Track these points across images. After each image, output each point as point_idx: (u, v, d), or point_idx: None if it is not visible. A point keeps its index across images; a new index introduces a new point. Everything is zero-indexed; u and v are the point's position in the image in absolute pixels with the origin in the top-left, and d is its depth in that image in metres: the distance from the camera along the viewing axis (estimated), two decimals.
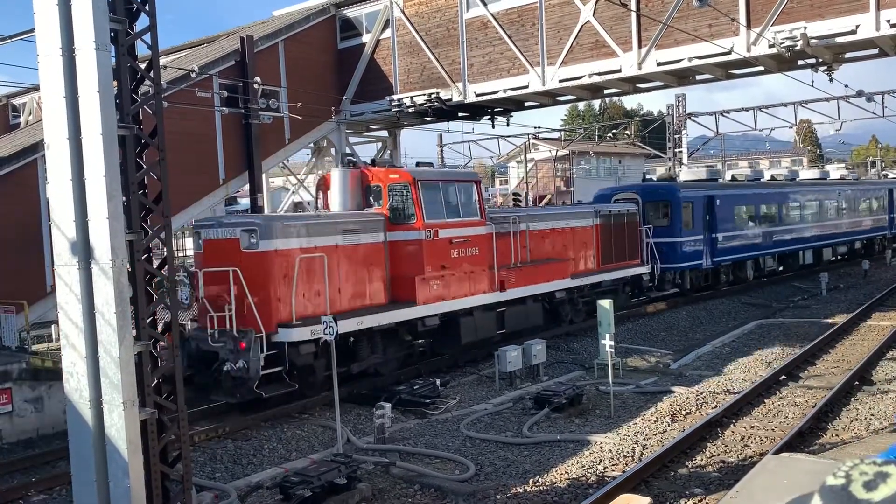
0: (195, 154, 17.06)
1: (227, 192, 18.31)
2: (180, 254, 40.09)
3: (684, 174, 30.13)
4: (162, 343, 7.50)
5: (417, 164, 16.08)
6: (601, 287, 19.87)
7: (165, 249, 7.39)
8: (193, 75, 15.84)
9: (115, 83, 6.70)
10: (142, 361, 6.91)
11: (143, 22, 7.14)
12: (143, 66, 7.34)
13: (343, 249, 13.60)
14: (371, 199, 14.98)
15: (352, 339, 13.76)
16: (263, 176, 19.69)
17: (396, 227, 14.57)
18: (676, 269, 23.89)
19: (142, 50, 7.49)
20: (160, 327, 7.49)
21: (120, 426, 6.46)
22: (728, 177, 30.81)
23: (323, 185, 15.80)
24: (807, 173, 38.86)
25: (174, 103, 15.76)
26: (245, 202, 30.07)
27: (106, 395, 6.52)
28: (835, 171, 43.63)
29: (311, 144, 21.92)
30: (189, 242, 42.08)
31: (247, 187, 18.99)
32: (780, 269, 29.67)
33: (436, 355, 16.01)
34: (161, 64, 17.66)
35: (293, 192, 23.40)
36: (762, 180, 31.30)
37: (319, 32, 20.60)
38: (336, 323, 10.49)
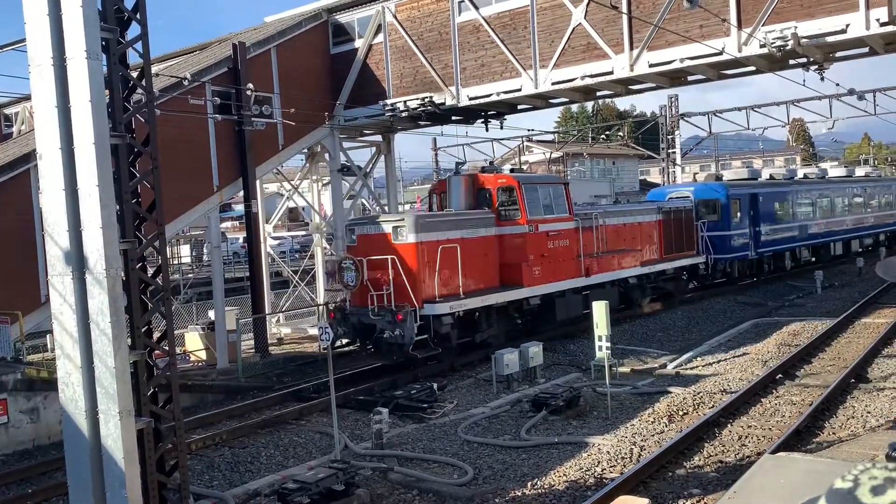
0: (188, 161, 17.02)
1: (222, 198, 18.26)
2: (174, 262, 40.07)
3: (728, 174, 33.35)
4: (158, 352, 7.49)
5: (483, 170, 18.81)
6: (665, 274, 22.80)
7: (160, 258, 7.38)
8: (186, 83, 15.81)
9: (106, 92, 6.70)
10: (137, 371, 6.89)
11: (134, 30, 7.15)
12: (135, 74, 7.34)
13: (467, 241, 16.41)
14: (481, 200, 17.78)
15: (476, 314, 16.52)
16: (258, 182, 19.66)
17: (504, 223, 17.49)
18: (727, 260, 26.57)
19: (134, 58, 7.49)
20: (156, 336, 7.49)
21: (116, 436, 6.43)
22: (766, 175, 32.88)
23: (437, 188, 19.02)
24: (835, 171, 42.29)
25: (167, 111, 15.74)
26: (240, 208, 30.03)
27: (102, 404, 6.50)
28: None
29: (305, 150, 21.91)
30: (184, 250, 42.08)
31: (241, 193, 18.97)
32: (813, 259, 32.28)
33: (523, 333, 17.87)
34: (153, 72, 17.59)
35: (287, 197, 23.37)
36: (797, 178, 33.70)
37: (312, 38, 20.60)
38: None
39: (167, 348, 7.36)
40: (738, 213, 27.02)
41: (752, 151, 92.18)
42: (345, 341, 16.65)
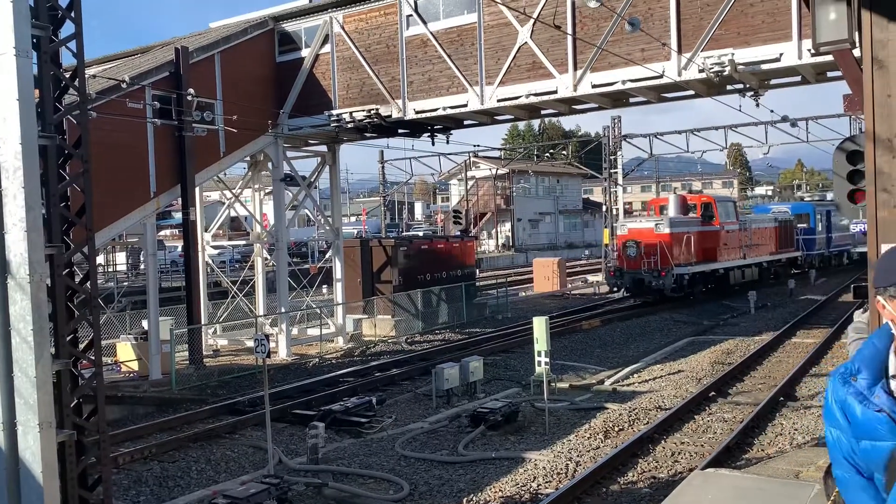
0: (125, 166, 16.57)
1: (159, 205, 17.81)
2: (109, 269, 38.85)
3: (806, 196, 48.03)
4: (84, 361, 7.22)
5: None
6: (779, 262, 35.24)
7: (89, 264, 7.13)
8: (124, 86, 15.42)
9: (36, 91, 6.46)
10: (60, 381, 6.62)
11: (68, 29, 6.93)
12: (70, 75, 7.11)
13: (690, 233, 27.85)
14: (687, 210, 29.48)
15: (687, 277, 27.05)
16: (197, 189, 19.26)
17: (704, 224, 29.08)
18: (813, 255, 39.75)
19: (69, 59, 7.26)
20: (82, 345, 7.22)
21: (35, 449, 6.15)
22: (830, 197, 43.56)
23: (657, 202, 31.57)
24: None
25: (104, 114, 15.32)
26: (180, 216, 29.36)
27: (21, 416, 6.21)
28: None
29: (248, 158, 21.58)
30: (121, 257, 40.83)
31: (180, 201, 18.55)
32: (857, 258, 42.72)
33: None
34: (91, 73, 17.09)
35: (228, 206, 22.96)
36: None
37: (257, 45, 20.35)
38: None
39: (93, 358, 7.10)
40: (820, 224, 40.42)
41: (692, 174, 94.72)
42: (623, 290, 28.30)
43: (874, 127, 3.14)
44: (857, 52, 4.21)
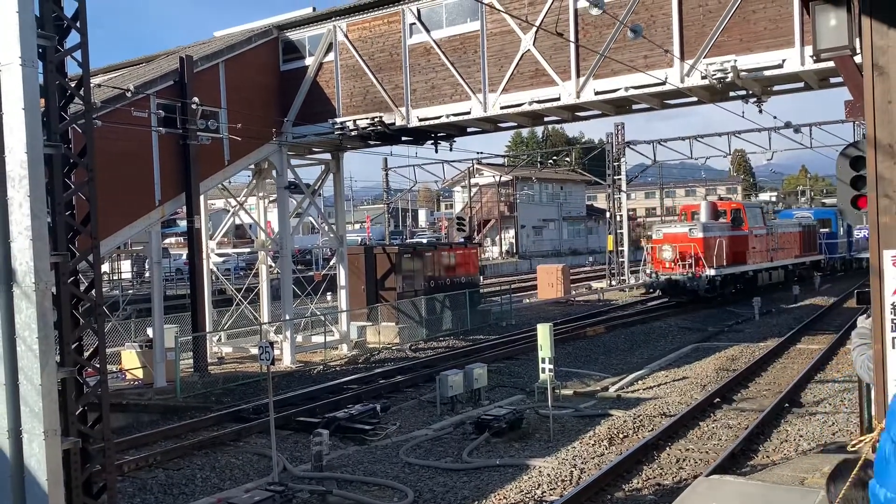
0: (130, 175, 16.63)
1: (164, 213, 17.87)
2: (115, 277, 38.94)
3: (827, 201, 49.99)
4: (89, 369, 7.24)
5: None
6: (804, 265, 36.83)
7: (94, 272, 7.16)
8: (129, 94, 15.50)
9: (42, 101, 6.50)
10: (66, 389, 6.64)
11: (74, 39, 6.98)
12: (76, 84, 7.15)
13: (719, 238, 29.35)
14: (717, 216, 31.29)
15: (719, 279, 29.05)
16: (202, 197, 19.32)
17: (733, 229, 30.90)
18: (835, 258, 42.11)
19: (74, 69, 7.30)
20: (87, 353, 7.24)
21: (40, 457, 6.17)
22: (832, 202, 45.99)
23: (689, 208, 33.97)
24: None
25: (109, 123, 15.39)
26: (185, 224, 29.45)
27: (26, 424, 6.23)
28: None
29: (252, 166, 21.65)
30: (126, 265, 40.94)
31: (185, 209, 18.60)
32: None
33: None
34: (96, 83, 17.20)
35: (232, 213, 23.01)
36: None
37: (261, 54, 20.44)
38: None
39: (98, 366, 7.12)
40: (842, 228, 42.04)
41: (696, 180, 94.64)
42: (658, 292, 30.30)
43: (875, 133, 3.15)
44: (858, 59, 4.23)
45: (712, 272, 28.46)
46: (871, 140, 3.20)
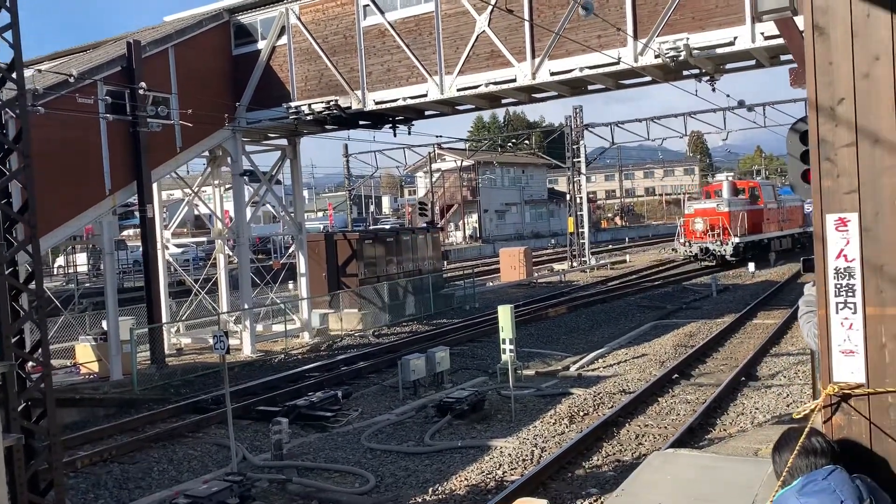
0: (77, 164, 16.16)
1: (115, 203, 17.41)
2: (70, 270, 38.05)
3: None
4: (31, 364, 7.01)
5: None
6: (806, 234, 41.43)
7: (33, 262, 6.91)
8: (72, 80, 15.02)
9: None
10: (6, 383, 6.42)
11: (3, 19, 6.69)
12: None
13: (743, 211, 36.34)
14: (737, 192, 38.17)
15: (742, 245, 35.32)
16: (154, 186, 18.88)
17: (751, 203, 37.88)
18: None
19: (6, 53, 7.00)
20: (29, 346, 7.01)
21: None
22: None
23: (711, 187, 40.95)
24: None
25: (53, 110, 14.90)
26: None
27: None
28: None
29: (207, 153, 21.22)
30: (81, 258, 39.98)
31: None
32: None
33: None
34: (39, 68, 16.63)
35: (187, 202, 22.55)
36: None
37: (213, 38, 19.99)
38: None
39: (42, 359, 6.89)
40: None
41: (654, 161, 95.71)
42: (691, 255, 36.55)
43: (816, 95, 3.12)
44: (801, 25, 4.20)
45: (737, 240, 34.86)
46: (812, 103, 3.17)
